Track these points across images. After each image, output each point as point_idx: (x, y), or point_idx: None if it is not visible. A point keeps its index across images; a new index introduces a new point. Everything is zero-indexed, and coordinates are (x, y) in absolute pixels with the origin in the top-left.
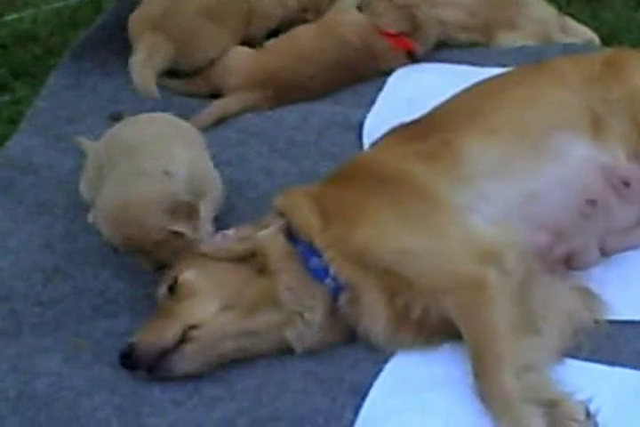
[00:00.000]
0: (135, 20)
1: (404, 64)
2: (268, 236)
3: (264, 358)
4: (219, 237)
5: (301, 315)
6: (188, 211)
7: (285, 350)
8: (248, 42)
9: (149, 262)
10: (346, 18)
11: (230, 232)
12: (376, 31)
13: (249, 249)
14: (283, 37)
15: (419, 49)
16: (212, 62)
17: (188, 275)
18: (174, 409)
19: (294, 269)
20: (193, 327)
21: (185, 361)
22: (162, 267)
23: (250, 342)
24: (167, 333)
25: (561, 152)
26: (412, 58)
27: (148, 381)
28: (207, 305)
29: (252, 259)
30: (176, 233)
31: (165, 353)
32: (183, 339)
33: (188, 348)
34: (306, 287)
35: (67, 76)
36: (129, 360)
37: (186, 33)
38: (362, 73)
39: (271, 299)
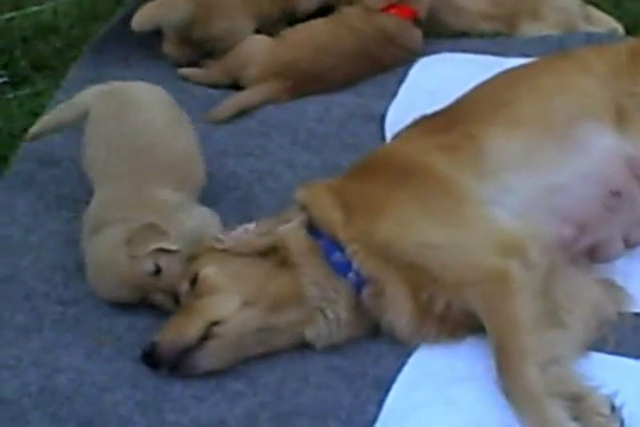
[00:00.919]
0: None
1: (417, 36)
2: (290, 230)
3: (286, 353)
4: (240, 231)
5: (323, 311)
6: (144, 234)
7: (306, 345)
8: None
9: (165, 303)
10: (348, 10)
11: (251, 226)
12: (375, 13)
13: (270, 244)
14: (299, 28)
15: (421, 12)
16: (229, 40)
17: (209, 270)
18: (196, 405)
19: (317, 263)
20: (215, 324)
21: (208, 358)
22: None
23: (271, 338)
24: (189, 330)
25: (585, 143)
26: (420, 23)
27: (170, 377)
28: (228, 301)
29: (273, 254)
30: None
31: (188, 351)
32: (206, 336)
33: (212, 344)
34: (329, 282)
35: (87, 69)
36: (152, 359)
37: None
38: (383, 62)
39: (294, 295)
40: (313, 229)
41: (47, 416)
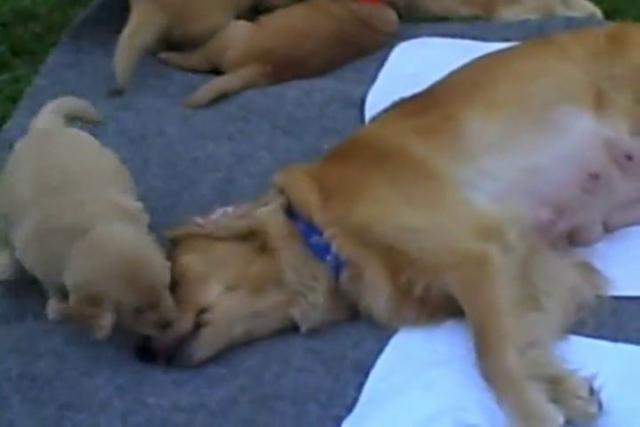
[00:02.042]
0: None
1: (392, 18)
2: (268, 213)
3: (261, 338)
4: (219, 213)
5: (303, 294)
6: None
7: (293, 328)
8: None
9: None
10: None
11: (229, 209)
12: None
13: (248, 227)
14: (277, 14)
15: None
16: (209, 36)
17: (188, 259)
18: (176, 388)
19: (295, 246)
20: (203, 311)
21: (204, 347)
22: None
23: (259, 323)
24: (182, 320)
25: (564, 126)
26: (395, 6)
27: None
28: (211, 288)
29: (252, 237)
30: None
31: (184, 340)
32: (198, 324)
33: (205, 333)
34: (307, 265)
35: (67, 55)
36: (147, 352)
37: (180, 5)
38: (361, 46)
39: (274, 278)
40: (291, 212)
41: (28, 400)
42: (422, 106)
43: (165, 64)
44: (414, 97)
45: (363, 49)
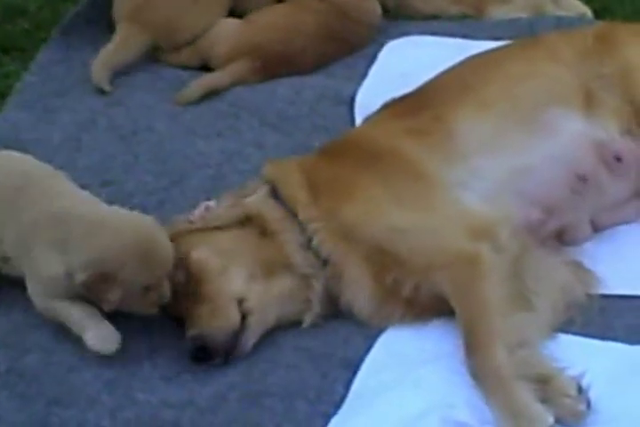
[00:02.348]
0: (115, 8)
1: (373, 8)
2: (258, 200)
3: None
4: (202, 208)
5: (316, 277)
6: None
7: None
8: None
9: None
10: None
11: (211, 203)
12: None
13: (242, 215)
14: (264, 11)
15: None
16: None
17: (200, 253)
18: (165, 385)
19: (294, 229)
20: (242, 301)
21: (254, 335)
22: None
23: (287, 307)
24: (228, 314)
25: (553, 127)
26: (384, 4)
27: (138, 357)
28: (237, 277)
29: (250, 223)
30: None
31: (237, 334)
32: (244, 315)
33: (252, 321)
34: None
35: (56, 51)
36: (205, 353)
37: (163, 23)
38: (348, 41)
39: (282, 262)
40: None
41: (15, 396)
42: (413, 107)
43: (155, 60)
44: (405, 97)
45: (349, 43)
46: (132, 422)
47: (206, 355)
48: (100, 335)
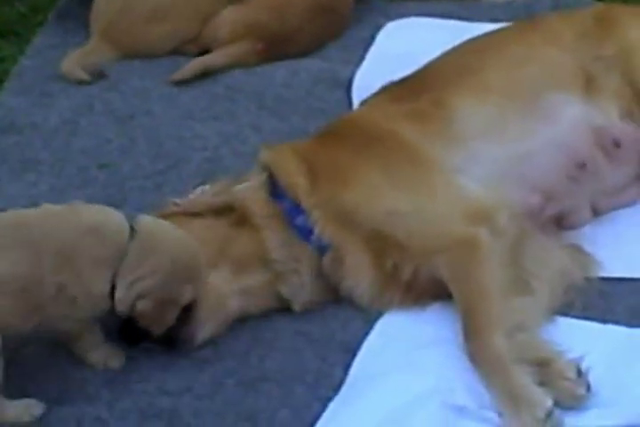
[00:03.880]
0: (91, 18)
1: None
2: (248, 190)
3: (252, 319)
4: (197, 192)
5: (290, 274)
6: None
7: (280, 310)
8: None
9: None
10: None
11: (206, 187)
12: None
13: (225, 202)
14: None
15: None
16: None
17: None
18: (162, 373)
19: (279, 226)
20: None
21: (201, 327)
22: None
23: (251, 301)
24: None
25: (553, 113)
26: None
27: (135, 350)
28: None
29: (228, 213)
30: None
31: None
32: (188, 305)
33: (197, 312)
34: (291, 246)
35: (52, 35)
36: (134, 334)
37: (131, 41)
38: (341, 12)
39: (258, 256)
40: (275, 191)
41: (15, 394)
42: (412, 90)
43: None
44: (404, 81)
45: (339, 13)
46: (130, 412)
47: (134, 337)
48: (106, 356)
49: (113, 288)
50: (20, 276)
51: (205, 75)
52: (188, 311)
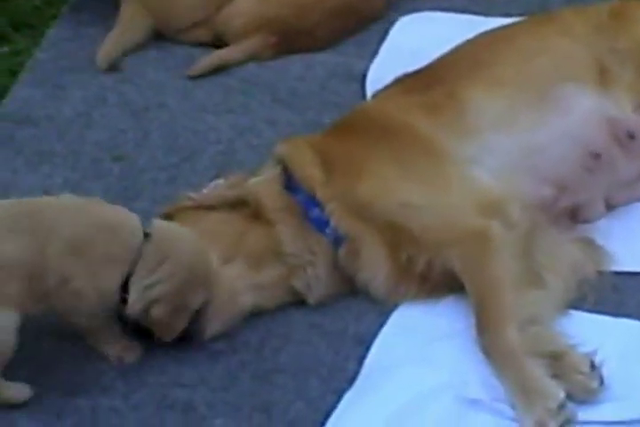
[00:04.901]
0: None
1: None
2: (262, 184)
3: (266, 311)
4: (211, 186)
5: (304, 267)
6: None
7: (294, 303)
8: None
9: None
10: None
11: (221, 181)
12: None
13: (239, 196)
14: None
15: None
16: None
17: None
18: (176, 365)
19: (293, 219)
20: None
21: (211, 322)
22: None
23: (265, 296)
24: None
25: (566, 104)
26: None
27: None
28: None
29: (242, 207)
30: None
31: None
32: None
33: (207, 307)
34: (306, 239)
35: (67, 28)
36: (142, 330)
37: (160, 8)
38: (366, 16)
39: (272, 250)
40: (289, 184)
41: (30, 385)
42: (425, 82)
43: (166, 38)
44: (417, 73)
45: (364, 17)
46: (145, 403)
47: (143, 332)
48: (122, 350)
49: (122, 289)
50: (26, 262)
51: (219, 68)
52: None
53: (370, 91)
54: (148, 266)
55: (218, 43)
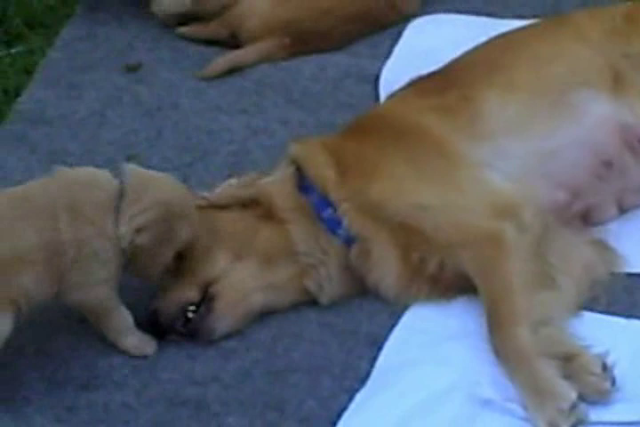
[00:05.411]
0: None
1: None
2: (275, 184)
3: (279, 310)
4: (224, 186)
5: (316, 267)
6: None
7: (306, 302)
8: None
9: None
10: None
11: (233, 181)
12: None
13: (252, 195)
14: None
15: None
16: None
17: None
18: (190, 362)
19: (305, 219)
20: (211, 283)
21: (221, 320)
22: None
23: (276, 295)
24: (185, 290)
25: (580, 110)
26: None
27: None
28: (218, 259)
29: (255, 206)
30: None
31: (191, 312)
32: (210, 297)
33: (218, 305)
34: (318, 239)
35: (81, 27)
36: (156, 327)
37: None
38: (378, 22)
39: (284, 250)
40: (302, 184)
41: (44, 378)
42: (440, 85)
43: (181, 38)
44: (432, 75)
45: (377, 24)
46: (157, 400)
47: (159, 329)
48: (139, 341)
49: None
50: (44, 243)
51: (233, 69)
52: (209, 303)
53: (383, 92)
54: (131, 199)
55: (233, 41)
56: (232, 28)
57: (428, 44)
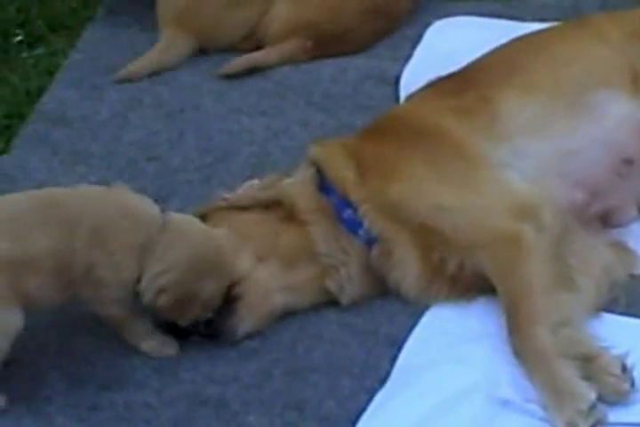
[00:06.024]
0: (159, 13)
1: None
2: (296, 185)
3: (299, 311)
4: (246, 187)
5: (337, 268)
6: None
7: (326, 303)
8: None
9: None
10: None
11: (255, 182)
12: None
13: (273, 197)
14: None
15: None
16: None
17: (216, 233)
18: (210, 363)
19: (326, 220)
20: (234, 285)
21: (243, 321)
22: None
23: (297, 296)
24: None
25: (599, 110)
26: None
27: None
28: (241, 260)
29: (276, 207)
30: None
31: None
32: (232, 298)
33: (240, 306)
34: (339, 240)
35: (102, 29)
36: (179, 328)
37: (208, 27)
38: (396, 16)
39: (305, 251)
40: (323, 185)
41: (65, 378)
42: (459, 86)
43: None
44: (451, 76)
45: (394, 17)
46: (178, 399)
47: (179, 331)
48: (159, 344)
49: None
50: (55, 253)
51: (254, 71)
52: (231, 304)
53: (403, 94)
54: (158, 255)
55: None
56: (257, 37)
57: (448, 47)
